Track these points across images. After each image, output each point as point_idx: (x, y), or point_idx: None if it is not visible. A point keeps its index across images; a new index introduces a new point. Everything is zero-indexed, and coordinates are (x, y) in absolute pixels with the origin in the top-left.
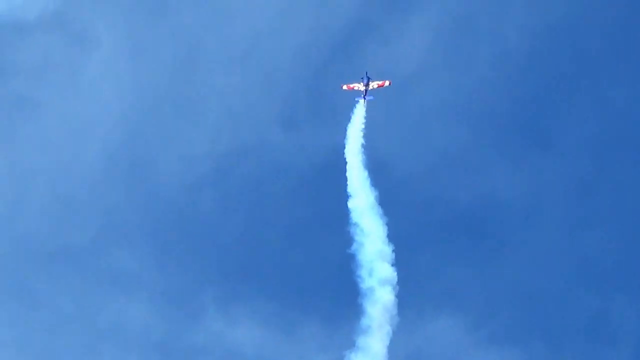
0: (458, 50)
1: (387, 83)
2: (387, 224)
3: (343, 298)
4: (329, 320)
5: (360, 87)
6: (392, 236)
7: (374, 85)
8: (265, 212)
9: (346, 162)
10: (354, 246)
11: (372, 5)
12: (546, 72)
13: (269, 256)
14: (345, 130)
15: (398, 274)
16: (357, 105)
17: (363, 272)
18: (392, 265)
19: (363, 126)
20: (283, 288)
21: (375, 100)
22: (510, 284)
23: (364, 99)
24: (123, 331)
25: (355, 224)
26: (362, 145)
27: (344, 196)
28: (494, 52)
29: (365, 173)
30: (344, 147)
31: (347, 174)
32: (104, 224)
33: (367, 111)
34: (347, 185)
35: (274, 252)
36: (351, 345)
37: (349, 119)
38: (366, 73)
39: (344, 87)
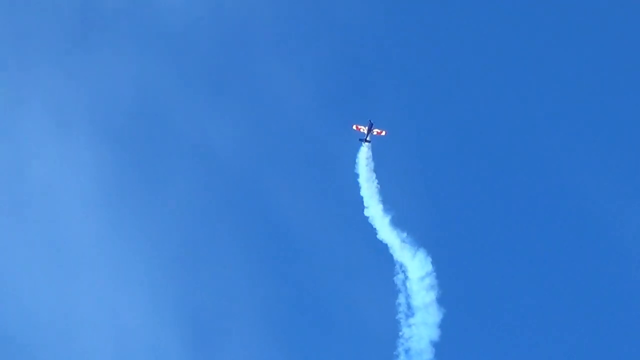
0: None
1: (383, 133)
2: None
3: None
4: None
5: (364, 129)
6: None
7: (375, 132)
8: None
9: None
10: None
11: None
12: None
13: None
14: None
15: None
16: (361, 148)
17: None
18: None
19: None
20: None
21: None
22: None
23: (366, 142)
24: None
25: None
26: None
27: None
28: None
29: None
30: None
31: None
32: None
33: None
34: None
35: None
36: None
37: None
38: (370, 120)
39: (354, 127)
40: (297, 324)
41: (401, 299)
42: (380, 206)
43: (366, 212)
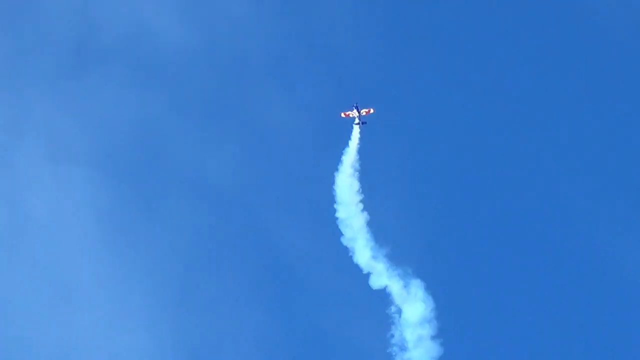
0: None
1: (371, 110)
2: None
3: None
4: None
5: (354, 114)
6: None
7: (362, 112)
8: None
9: None
10: None
11: None
12: None
13: None
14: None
15: None
16: (353, 131)
17: None
18: None
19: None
20: None
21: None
22: None
23: (360, 124)
24: None
25: None
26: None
27: None
28: None
29: None
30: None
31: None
32: None
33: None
34: None
35: None
36: None
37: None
38: (354, 103)
39: (342, 114)
40: (293, 356)
41: (395, 331)
42: (371, 242)
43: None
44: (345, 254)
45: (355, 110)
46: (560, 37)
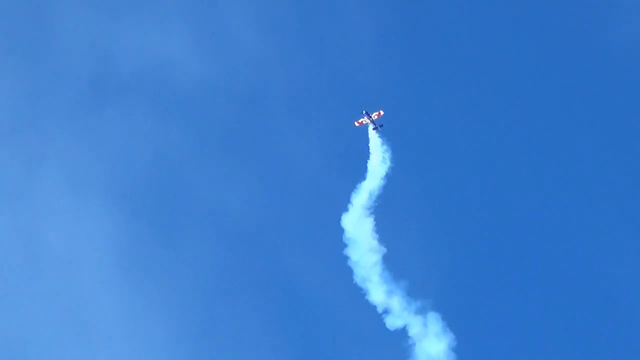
0: None
1: (381, 112)
2: None
3: None
4: None
5: (366, 120)
6: None
7: (374, 116)
8: None
9: None
10: None
11: None
12: None
13: None
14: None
15: None
16: (370, 137)
17: None
18: None
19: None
20: None
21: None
22: None
23: (376, 128)
24: None
25: None
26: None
27: None
28: None
29: None
30: None
31: None
32: None
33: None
34: None
35: None
36: None
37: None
38: (363, 110)
39: (355, 123)
40: None
41: None
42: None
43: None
44: (360, 291)
45: (366, 117)
46: (583, 65)
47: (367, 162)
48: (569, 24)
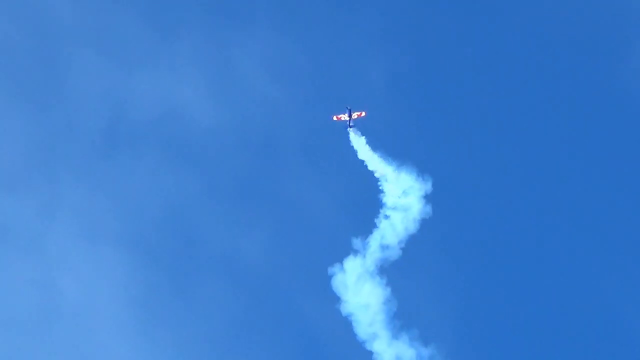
0: None
1: (363, 114)
2: None
3: None
4: None
5: (345, 117)
6: None
7: (354, 115)
8: None
9: None
10: None
11: None
12: None
13: None
14: None
15: None
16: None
17: None
18: None
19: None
20: None
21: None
22: None
23: (350, 127)
24: None
25: None
26: None
27: None
28: None
29: None
30: None
31: None
32: None
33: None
34: None
35: None
36: None
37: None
38: (347, 107)
39: (334, 117)
40: None
41: None
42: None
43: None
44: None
45: (347, 114)
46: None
47: (379, 209)
48: (579, 64)
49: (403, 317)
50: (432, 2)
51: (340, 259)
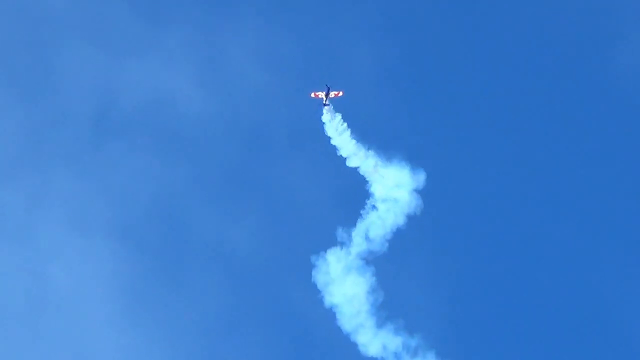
0: None
1: (340, 93)
2: None
3: None
4: None
5: (322, 95)
6: None
7: (332, 94)
8: None
9: None
10: None
11: None
12: None
13: None
14: None
15: None
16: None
17: None
18: None
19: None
20: None
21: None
22: None
23: (326, 105)
24: None
25: None
26: None
27: None
28: None
29: None
30: None
31: None
32: None
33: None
34: None
35: None
36: None
37: None
38: (326, 84)
39: (312, 94)
40: None
41: None
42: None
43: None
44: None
45: (325, 92)
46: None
47: (367, 199)
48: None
49: (389, 308)
50: None
51: (326, 249)
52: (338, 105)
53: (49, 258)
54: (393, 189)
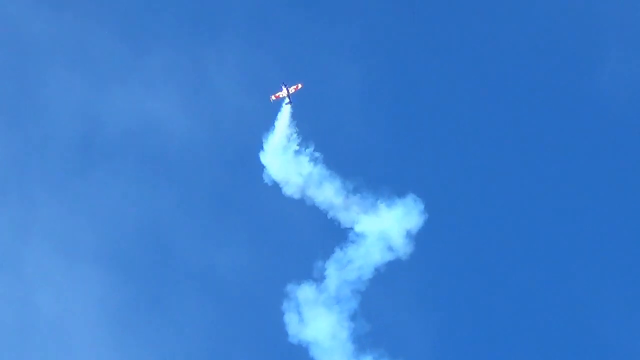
0: None
1: (299, 86)
2: None
3: None
4: None
5: (283, 94)
6: None
7: (291, 89)
8: None
9: None
10: None
11: None
12: None
13: None
14: None
15: None
16: (282, 111)
17: None
18: None
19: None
20: None
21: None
22: None
23: (290, 103)
24: None
25: None
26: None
27: None
28: None
29: None
30: None
31: None
32: None
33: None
34: None
35: None
36: None
37: None
38: (282, 82)
39: (272, 97)
40: None
41: None
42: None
43: None
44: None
45: (284, 90)
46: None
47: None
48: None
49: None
50: (407, 14)
51: (313, 276)
52: (313, 134)
53: (35, 284)
54: (379, 220)
